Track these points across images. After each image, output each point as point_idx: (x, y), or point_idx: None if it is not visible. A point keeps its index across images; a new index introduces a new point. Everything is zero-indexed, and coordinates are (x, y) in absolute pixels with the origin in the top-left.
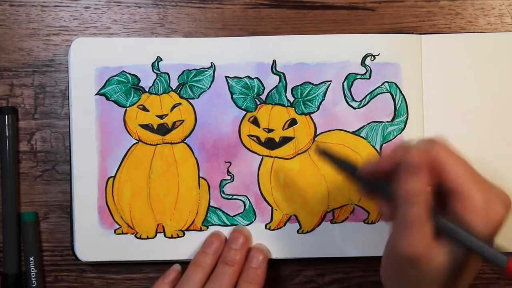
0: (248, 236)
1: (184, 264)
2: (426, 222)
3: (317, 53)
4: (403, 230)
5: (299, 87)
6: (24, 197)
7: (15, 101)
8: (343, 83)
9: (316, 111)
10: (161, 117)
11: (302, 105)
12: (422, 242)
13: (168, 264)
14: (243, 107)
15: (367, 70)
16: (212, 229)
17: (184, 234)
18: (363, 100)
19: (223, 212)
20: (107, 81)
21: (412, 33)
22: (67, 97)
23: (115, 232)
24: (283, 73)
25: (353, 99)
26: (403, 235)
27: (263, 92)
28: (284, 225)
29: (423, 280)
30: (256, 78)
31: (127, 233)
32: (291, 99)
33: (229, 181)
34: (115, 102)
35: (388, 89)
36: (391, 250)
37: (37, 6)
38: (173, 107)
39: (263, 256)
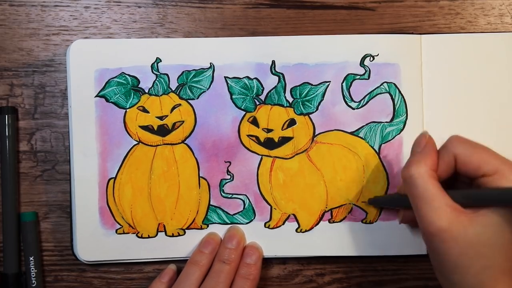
0: (242, 235)
1: (184, 262)
2: (438, 197)
3: (316, 53)
4: (420, 212)
5: (298, 87)
6: (24, 197)
7: (15, 101)
8: (342, 83)
9: (315, 111)
10: (161, 118)
11: (301, 106)
12: (443, 216)
13: (169, 262)
14: (242, 108)
15: (366, 71)
16: (212, 227)
17: (185, 232)
18: (362, 101)
19: (223, 210)
20: (106, 82)
21: (412, 33)
22: (67, 97)
23: (116, 232)
24: (282, 74)
25: (352, 100)
26: (422, 216)
27: (262, 92)
28: (283, 224)
29: (463, 254)
30: (256, 78)
31: (128, 233)
32: (290, 99)
33: (228, 180)
34: (115, 103)
35: (387, 90)
36: (423, 237)
37: (37, 6)
38: (173, 108)
39: (258, 253)
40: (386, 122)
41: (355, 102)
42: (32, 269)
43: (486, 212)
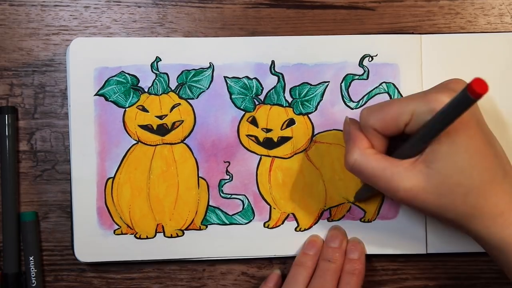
0: (344, 234)
1: (183, 263)
2: (387, 167)
3: (316, 53)
4: (381, 187)
5: (298, 87)
6: (24, 196)
7: (15, 100)
8: (341, 83)
9: (314, 111)
10: (160, 117)
11: (300, 106)
12: (401, 179)
13: (167, 263)
14: (241, 107)
15: (364, 71)
16: (211, 228)
17: (183, 233)
18: (361, 101)
19: (222, 211)
20: (106, 81)
21: (412, 33)
22: (67, 97)
23: (114, 232)
24: (281, 74)
25: (351, 100)
26: (385, 189)
27: (261, 92)
28: (282, 223)
29: (440, 196)
30: (255, 78)
31: (126, 234)
32: (289, 99)
33: (228, 180)
34: (114, 102)
35: (386, 90)
36: (402, 203)
37: (37, 6)
38: (173, 107)
39: (361, 248)
40: None
41: (354, 102)
42: (32, 269)
43: (432, 148)
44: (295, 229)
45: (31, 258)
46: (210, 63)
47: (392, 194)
